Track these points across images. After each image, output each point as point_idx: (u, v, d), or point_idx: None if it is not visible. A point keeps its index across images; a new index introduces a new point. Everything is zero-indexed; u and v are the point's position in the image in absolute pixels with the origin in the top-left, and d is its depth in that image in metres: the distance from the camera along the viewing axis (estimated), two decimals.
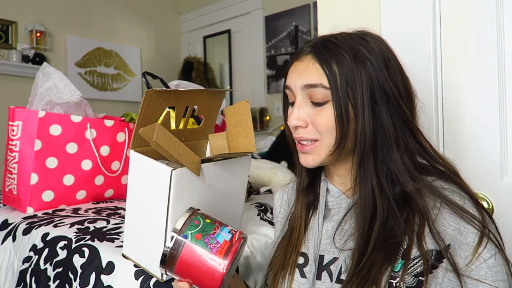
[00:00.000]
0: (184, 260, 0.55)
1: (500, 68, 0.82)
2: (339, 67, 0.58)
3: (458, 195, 0.57)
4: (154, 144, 0.63)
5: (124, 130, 1.32)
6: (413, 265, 0.54)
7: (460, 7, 0.86)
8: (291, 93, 0.64)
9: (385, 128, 0.59)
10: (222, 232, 0.55)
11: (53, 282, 0.87)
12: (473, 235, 0.53)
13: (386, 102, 0.59)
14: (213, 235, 0.54)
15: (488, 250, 0.52)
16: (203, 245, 0.54)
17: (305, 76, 0.61)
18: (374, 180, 0.59)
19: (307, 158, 0.64)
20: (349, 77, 0.58)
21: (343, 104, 0.58)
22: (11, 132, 1.15)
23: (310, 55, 0.61)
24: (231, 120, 0.79)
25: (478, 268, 0.52)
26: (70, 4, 3.31)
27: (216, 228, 0.56)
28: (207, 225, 0.56)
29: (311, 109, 0.61)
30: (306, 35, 3.19)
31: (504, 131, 0.82)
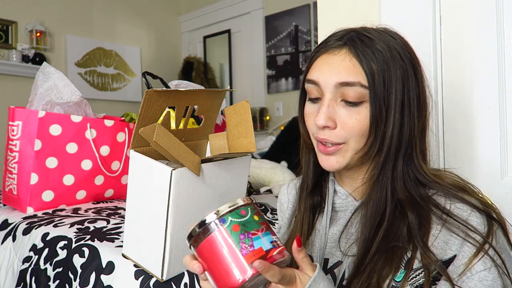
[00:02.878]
0: (210, 244, 0.47)
1: (500, 68, 0.82)
2: (378, 65, 0.54)
3: (466, 205, 0.54)
4: (154, 144, 0.63)
5: (124, 130, 1.32)
6: (415, 276, 0.52)
7: (460, 7, 0.86)
8: (317, 89, 0.58)
9: (405, 133, 0.56)
10: (264, 238, 0.46)
11: (53, 282, 0.87)
12: (471, 248, 0.51)
13: (410, 107, 0.56)
14: (252, 235, 0.46)
15: (483, 262, 0.50)
16: (235, 239, 0.46)
17: (340, 73, 0.55)
18: (389, 185, 0.56)
19: (330, 161, 0.58)
20: (386, 77, 0.54)
21: (379, 105, 0.54)
22: (11, 132, 1.15)
23: (345, 49, 0.56)
24: (231, 120, 0.79)
25: (469, 279, 0.50)
26: (70, 4, 3.31)
27: (260, 230, 0.47)
28: (253, 222, 0.47)
29: (343, 110, 0.56)
30: (306, 35, 3.19)
31: (504, 131, 0.82)
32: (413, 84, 0.57)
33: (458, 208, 0.54)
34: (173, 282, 0.73)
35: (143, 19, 3.88)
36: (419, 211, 0.55)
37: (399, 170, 0.57)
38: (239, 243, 0.45)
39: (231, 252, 0.45)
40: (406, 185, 0.57)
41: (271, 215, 1.15)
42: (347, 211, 0.64)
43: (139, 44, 3.85)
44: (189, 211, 0.71)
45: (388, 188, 0.57)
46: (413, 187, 0.57)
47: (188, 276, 0.75)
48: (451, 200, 0.55)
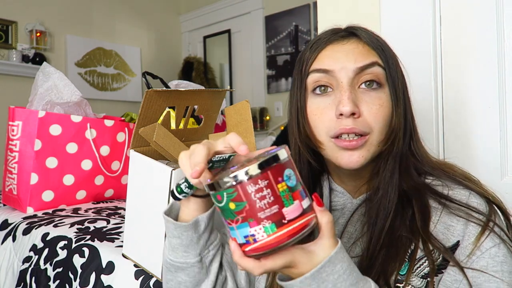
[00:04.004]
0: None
1: (500, 68, 0.82)
2: (385, 50, 0.55)
3: (464, 188, 0.54)
4: (154, 144, 0.63)
5: (124, 130, 1.32)
6: (420, 265, 0.50)
7: (460, 7, 0.86)
8: (328, 79, 0.54)
9: (409, 121, 0.56)
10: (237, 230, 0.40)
11: (53, 282, 0.87)
12: (476, 227, 0.49)
13: (407, 94, 0.57)
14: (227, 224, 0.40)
15: (490, 239, 0.48)
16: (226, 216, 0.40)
17: (358, 59, 0.53)
18: (398, 178, 0.55)
19: (355, 156, 0.53)
20: (393, 62, 0.55)
21: (395, 88, 0.54)
22: (11, 132, 1.15)
23: (354, 38, 0.56)
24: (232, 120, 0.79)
25: (479, 258, 0.48)
26: (70, 4, 3.31)
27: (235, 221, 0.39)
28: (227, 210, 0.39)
29: (364, 96, 0.53)
30: (306, 35, 3.19)
31: (504, 131, 0.82)
32: (403, 74, 0.58)
33: (456, 193, 0.53)
34: None
35: (143, 19, 3.88)
36: (420, 198, 0.54)
37: (405, 160, 0.56)
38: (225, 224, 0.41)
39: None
40: (411, 175, 0.56)
41: None
42: (344, 209, 0.61)
43: (139, 44, 3.85)
44: None
45: (396, 181, 0.55)
46: (416, 176, 0.56)
47: None
48: (448, 186, 0.54)
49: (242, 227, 0.39)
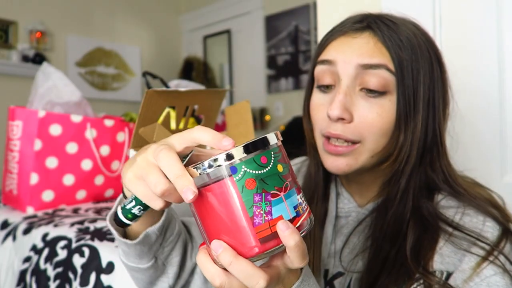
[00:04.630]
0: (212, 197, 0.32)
1: (500, 68, 0.82)
2: (405, 53, 0.47)
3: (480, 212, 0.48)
4: None
5: (124, 130, 1.32)
6: (416, 286, 0.46)
7: (460, 7, 0.86)
8: (331, 72, 0.50)
9: (430, 135, 0.50)
10: (286, 202, 0.32)
11: (53, 282, 0.87)
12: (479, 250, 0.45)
13: (435, 105, 0.50)
14: (271, 198, 0.31)
15: (493, 267, 0.43)
16: (248, 200, 0.31)
17: (363, 54, 0.47)
18: (411, 197, 0.49)
19: (339, 163, 0.49)
20: (415, 68, 0.47)
21: (408, 99, 0.47)
22: (11, 132, 1.15)
23: (369, 32, 0.49)
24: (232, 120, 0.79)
25: (477, 285, 0.43)
26: (70, 4, 3.31)
27: (283, 189, 0.32)
28: (275, 175, 0.32)
29: (362, 101, 0.48)
30: (306, 35, 3.19)
31: (504, 131, 0.82)
32: (439, 81, 0.51)
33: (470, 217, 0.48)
34: None
35: (143, 19, 3.88)
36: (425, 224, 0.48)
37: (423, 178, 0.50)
38: (252, 207, 0.31)
39: (238, 217, 0.31)
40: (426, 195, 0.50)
41: None
42: (349, 218, 0.56)
43: (139, 44, 3.85)
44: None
45: (409, 200, 0.49)
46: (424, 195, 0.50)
47: None
48: (463, 207, 0.49)
49: (290, 194, 0.33)
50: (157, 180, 0.32)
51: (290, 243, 0.31)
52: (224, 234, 0.32)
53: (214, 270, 0.33)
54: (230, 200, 0.31)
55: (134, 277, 0.54)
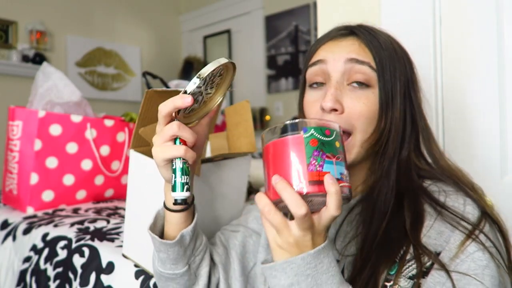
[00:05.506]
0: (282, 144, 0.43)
1: (500, 68, 0.82)
2: (384, 53, 0.55)
3: (460, 196, 0.54)
4: None
5: (124, 130, 1.32)
6: (408, 267, 0.50)
7: (460, 7, 0.86)
8: (322, 71, 0.57)
9: (407, 123, 0.57)
10: (335, 166, 0.43)
11: (53, 282, 0.87)
12: (462, 233, 0.50)
13: (410, 97, 0.58)
14: (325, 158, 0.42)
15: (475, 244, 0.48)
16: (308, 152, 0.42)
17: (350, 52, 0.55)
18: (395, 178, 0.55)
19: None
20: (391, 67, 0.56)
21: (387, 91, 0.55)
22: (11, 132, 1.15)
23: (352, 36, 0.57)
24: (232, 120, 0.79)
25: (463, 261, 0.48)
26: (70, 4, 3.31)
27: (336, 158, 0.43)
28: (332, 146, 0.43)
29: (349, 92, 0.55)
30: (306, 35, 3.19)
31: (504, 131, 0.82)
32: (412, 79, 0.58)
33: (452, 200, 0.53)
34: None
35: (143, 19, 3.88)
36: (415, 202, 0.54)
37: (406, 162, 0.56)
38: (310, 157, 0.42)
39: (297, 163, 0.42)
40: (411, 177, 0.56)
41: None
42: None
43: (139, 44, 3.85)
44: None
45: (393, 183, 0.55)
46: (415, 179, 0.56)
47: None
48: (445, 192, 0.54)
49: (340, 164, 0.43)
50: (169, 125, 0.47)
51: (332, 190, 0.41)
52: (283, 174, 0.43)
53: (266, 200, 0.43)
54: (296, 149, 0.43)
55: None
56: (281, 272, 0.43)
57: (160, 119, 0.48)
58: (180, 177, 0.47)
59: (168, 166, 0.49)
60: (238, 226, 0.70)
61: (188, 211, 0.56)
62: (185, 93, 0.46)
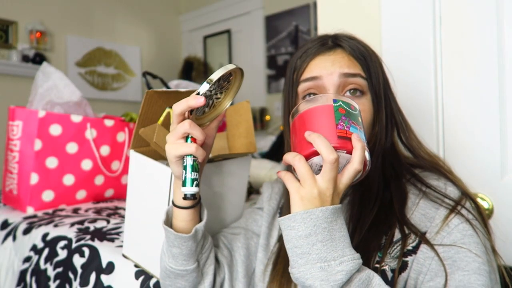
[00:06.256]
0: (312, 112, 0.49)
1: (500, 68, 0.82)
2: (367, 59, 0.60)
3: (441, 181, 0.59)
4: (154, 145, 0.63)
5: (124, 130, 1.32)
6: (395, 247, 0.54)
7: (460, 7, 0.86)
8: (317, 85, 0.60)
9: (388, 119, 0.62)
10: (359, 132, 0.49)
11: (53, 282, 0.87)
12: (446, 209, 0.54)
13: (388, 95, 0.62)
14: (352, 123, 0.48)
15: (459, 217, 0.52)
16: (337, 116, 0.48)
17: (343, 66, 0.59)
18: (380, 167, 0.60)
19: None
20: (377, 73, 0.61)
21: (376, 95, 0.60)
22: (11, 132, 1.15)
23: (339, 49, 0.61)
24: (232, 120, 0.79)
25: (449, 234, 0.51)
26: (70, 4, 3.31)
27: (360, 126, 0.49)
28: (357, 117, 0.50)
29: None
30: (306, 35, 3.19)
31: (504, 131, 0.82)
32: (386, 78, 0.63)
33: (433, 183, 0.58)
34: None
35: (143, 19, 3.88)
36: (397, 185, 0.59)
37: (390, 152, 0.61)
38: (339, 119, 0.48)
39: (328, 123, 0.48)
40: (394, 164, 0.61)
41: None
42: None
43: (139, 44, 3.85)
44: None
45: (379, 170, 0.60)
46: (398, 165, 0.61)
47: None
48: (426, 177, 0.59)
49: (363, 133, 0.49)
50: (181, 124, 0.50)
51: (358, 145, 0.46)
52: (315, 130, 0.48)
53: (296, 153, 0.47)
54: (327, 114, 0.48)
55: (177, 287, 0.61)
56: (300, 223, 0.45)
57: (174, 118, 0.51)
58: (190, 173, 0.50)
59: (179, 163, 0.52)
60: (238, 228, 0.72)
61: (195, 209, 0.58)
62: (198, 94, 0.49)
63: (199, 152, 0.50)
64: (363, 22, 0.99)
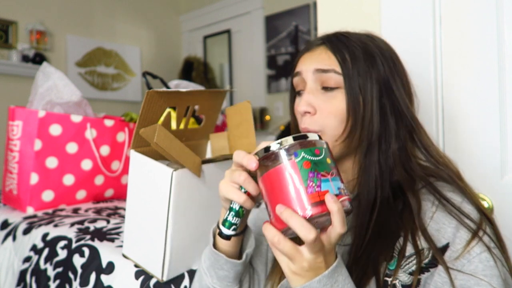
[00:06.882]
0: (277, 174, 0.45)
1: (500, 68, 0.82)
2: (351, 57, 0.59)
3: (457, 195, 0.56)
4: (154, 145, 0.63)
5: (124, 130, 1.32)
6: (408, 262, 0.52)
7: (460, 7, 0.86)
8: (301, 80, 0.63)
9: (389, 121, 0.59)
10: (332, 182, 0.44)
11: (53, 282, 0.87)
12: (467, 233, 0.51)
13: (391, 97, 0.60)
14: (321, 176, 0.44)
15: (480, 245, 0.50)
16: (304, 175, 0.43)
17: (317, 62, 0.61)
18: (377, 171, 0.58)
19: None
20: (361, 68, 0.58)
21: (354, 91, 0.58)
22: (11, 132, 1.15)
23: (322, 46, 0.62)
24: (232, 120, 0.79)
25: (470, 262, 0.49)
26: (70, 4, 3.31)
27: (330, 174, 0.44)
28: (324, 163, 0.45)
29: (321, 95, 0.60)
30: (306, 35, 3.19)
31: (504, 131, 0.82)
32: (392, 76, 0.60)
33: (449, 197, 0.55)
34: (173, 283, 0.73)
35: (143, 19, 3.88)
36: (413, 195, 0.56)
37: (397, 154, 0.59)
38: (306, 180, 0.43)
39: (296, 188, 0.44)
40: (406, 169, 0.59)
41: None
42: None
43: (139, 44, 3.85)
44: (190, 212, 0.71)
45: (376, 173, 0.58)
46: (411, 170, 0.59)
47: (189, 278, 0.75)
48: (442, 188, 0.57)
49: (336, 180, 0.45)
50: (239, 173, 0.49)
51: (334, 208, 0.42)
52: (285, 202, 0.44)
53: (274, 231, 0.45)
54: (292, 174, 0.44)
55: None
56: None
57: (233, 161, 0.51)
58: (232, 217, 0.51)
59: (227, 201, 0.53)
60: None
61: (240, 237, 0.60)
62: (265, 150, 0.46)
63: (247, 203, 0.50)
64: (363, 22, 0.99)
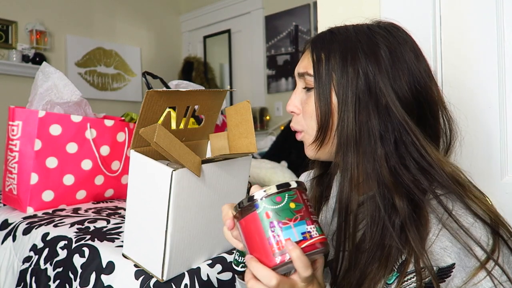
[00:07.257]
0: (247, 223, 0.47)
1: (500, 68, 0.82)
2: (327, 56, 0.57)
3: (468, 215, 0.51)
4: (154, 145, 0.63)
5: (124, 130, 1.32)
6: (407, 279, 0.49)
7: (460, 7, 0.86)
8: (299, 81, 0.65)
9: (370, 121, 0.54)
10: (294, 229, 0.45)
11: (53, 282, 0.87)
12: (475, 260, 0.47)
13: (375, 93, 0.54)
14: (282, 225, 0.45)
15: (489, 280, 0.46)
16: (265, 226, 0.45)
17: (300, 65, 0.63)
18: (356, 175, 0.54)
19: (307, 149, 0.64)
20: (337, 68, 0.55)
21: (323, 90, 0.57)
22: (11, 132, 1.15)
23: (308, 48, 0.64)
24: (232, 120, 0.79)
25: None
26: (70, 4, 3.31)
27: (293, 220, 0.45)
28: (286, 210, 0.45)
29: (303, 95, 0.62)
30: (306, 35, 3.19)
31: (504, 131, 0.82)
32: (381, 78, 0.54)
33: (459, 215, 0.50)
34: (173, 282, 0.73)
35: (143, 19, 3.88)
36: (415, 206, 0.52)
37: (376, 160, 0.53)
38: (268, 230, 0.45)
39: (261, 238, 0.46)
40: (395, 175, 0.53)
41: None
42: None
43: (139, 44, 3.85)
44: (190, 211, 0.71)
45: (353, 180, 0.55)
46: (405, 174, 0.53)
47: (189, 277, 0.75)
48: (452, 204, 0.51)
49: (300, 224, 0.45)
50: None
51: (293, 255, 0.43)
52: (254, 251, 0.47)
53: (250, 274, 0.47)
54: (256, 226, 0.46)
55: None
56: None
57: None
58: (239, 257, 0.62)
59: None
60: None
61: None
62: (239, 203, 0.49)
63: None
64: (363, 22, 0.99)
